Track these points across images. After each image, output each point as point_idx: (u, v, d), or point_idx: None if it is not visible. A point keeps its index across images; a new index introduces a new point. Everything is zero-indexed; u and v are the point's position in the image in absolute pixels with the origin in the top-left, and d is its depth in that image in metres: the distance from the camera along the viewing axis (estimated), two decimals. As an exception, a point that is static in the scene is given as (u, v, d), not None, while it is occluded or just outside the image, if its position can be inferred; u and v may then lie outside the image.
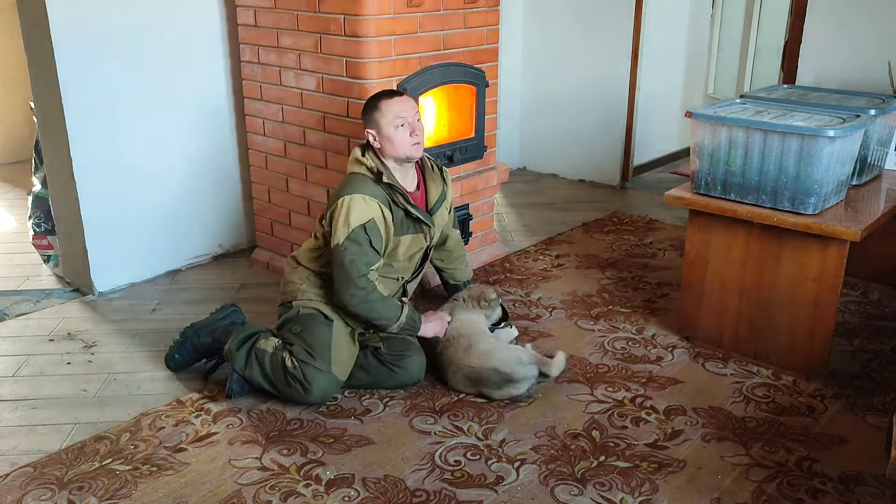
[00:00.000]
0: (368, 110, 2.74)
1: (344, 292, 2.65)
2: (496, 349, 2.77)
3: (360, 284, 2.64)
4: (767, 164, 2.70)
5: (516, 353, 2.76)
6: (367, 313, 2.69)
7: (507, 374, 2.66)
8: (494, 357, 2.71)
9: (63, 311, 3.40)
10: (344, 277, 2.64)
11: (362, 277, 2.64)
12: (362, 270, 2.64)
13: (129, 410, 2.65)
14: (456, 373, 2.74)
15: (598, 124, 5.19)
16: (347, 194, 2.65)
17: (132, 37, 3.45)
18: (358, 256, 2.62)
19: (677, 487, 2.26)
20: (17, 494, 2.23)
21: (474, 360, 2.71)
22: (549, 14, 5.24)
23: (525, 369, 2.70)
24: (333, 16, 3.17)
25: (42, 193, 3.74)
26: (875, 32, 3.88)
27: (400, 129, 2.69)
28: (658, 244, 4.16)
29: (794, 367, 2.84)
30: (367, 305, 2.66)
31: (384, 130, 2.70)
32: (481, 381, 2.68)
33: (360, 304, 2.66)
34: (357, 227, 2.61)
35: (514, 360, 2.71)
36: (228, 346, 2.71)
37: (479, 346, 2.76)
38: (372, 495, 2.22)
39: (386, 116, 2.69)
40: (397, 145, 2.70)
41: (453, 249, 3.15)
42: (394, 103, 2.71)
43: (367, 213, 2.63)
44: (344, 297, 2.66)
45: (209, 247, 3.97)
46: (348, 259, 2.62)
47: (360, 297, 2.65)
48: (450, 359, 2.77)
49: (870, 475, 2.30)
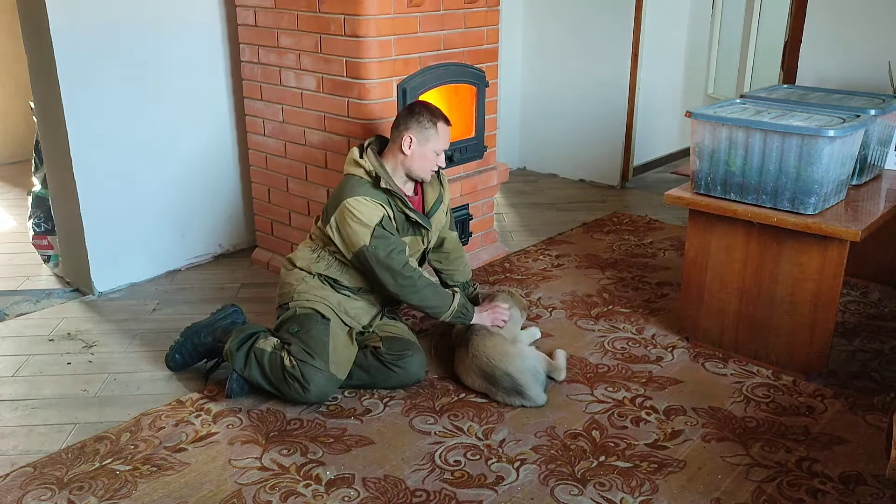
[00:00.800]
0: (422, 121, 2.74)
1: (392, 286, 2.70)
2: (519, 354, 2.72)
3: (406, 273, 2.69)
4: (767, 164, 2.70)
5: (534, 365, 2.70)
6: (419, 302, 2.75)
7: (519, 386, 2.63)
8: (514, 362, 2.67)
9: (63, 311, 3.40)
10: (386, 273, 2.69)
11: (406, 266, 2.69)
12: (401, 260, 2.69)
13: (129, 410, 2.65)
14: (472, 363, 2.70)
15: (598, 124, 5.19)
16: (349, 197, 2.66)
17: (132, 37, 3.45)
18: (391, 250, 2.67)
19: (677, 487, 2.26)
20: (17, 494, 2.23)
21: (495, 357, 2.68)
22: (549, 14, 5.24)
23: (538, 388, 2.65)
24: (333, 16, 3.18)
25: (42, 193, 3.74)
26: (875, 32, 3.88)
27: (436, 156, 2.78)
28: (658, 244, 4.16)
29: (794, 367, 2.84)
30: (419, 294, 2.72)
31: (426, 149, 2.75)
32: (493, 380, 2.66)
33: (411, 294, 2.72)
34: (376, 224, 2.66)
35: (531, 371, 2.67)
36: (228, 346, 2.71)
37: (503, 346, 2.73)
38: (372, 495, 2.22)
39: (438, 141, 2.76)
40: (423, 166, 2.78)
41: (452, 250, 3.15)
42: (448, 132, 2.80)
43: (378, 211, 2.68)
44: (394, 292, 2.72)
45: (209, 247, 3.97)
46: (383, 255, 2.66)
47: (409, 285, 2.70)
48: (472, 351, 2.72)
49: (870, 475, 2.30)
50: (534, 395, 2.64)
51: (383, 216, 2.68)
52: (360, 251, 2.67)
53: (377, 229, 2.66)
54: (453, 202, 3.57)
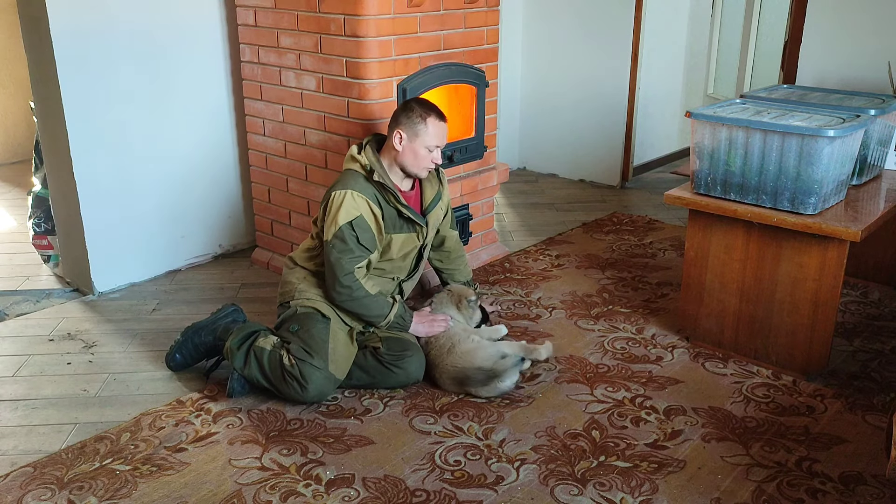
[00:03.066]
0: (412, 116, 2.74)
1: (332, 289, 2.73)
2: (478, 347, 2.76)
3: (345, 283, 2.69)
4: (767, 164, 2.70)
5: (496, 348, 2.76)
6: (355, 310, 2.75)
7: (489, 371, 2.67)
8: (477, 356, 2.72)
9: (63, 311, 3.40)
10: (331, 274, 2.71)
11: (348, 275, 2.68)
12: (347, 269, 2.68)
13: (129, 410, 2.65)
14: (441, 374, 2.74)
15: (598, 124, 5.19)
16: (337, 190, 2.68)
17: (132, 37, 3.45)
18: (343, 254, 2.66)
19: (677, 487, 2.26)
20: (17, 494, 2.23)
21: (458, 360, 2.72)
22: (549, 14, 5.24)
23: (506, 361, 2.69)
24: (333, 16, 3.18)
25: (42, 193, 3.74)
26: (875, 33, 3.88)
27: (430, 152, 2.76)
28: (658, 244, 4.16)
29: (794, 367, 2.84)
30: (355, 302, 2.72)
31: (417, 144, 2.74)
32: (467, 380, 2.69)
33: (347, 301, 2.72)
34: (344, 224, 2.65)
35: (495, 354, 2.71)
36: (229, 345, 2.71)
37: (461, 346, 2.76)
38: (372, 495, 2.22)
39: (428, 136, 2.74)
40: (415, 162, 2.76)
41: (452, 250, 3.16)
42: (440, 128, 2.77)
43: (355, 209, 2.66)
44: (332, 294, 2.73)
45: (209, 247, 3.97)
46: (335, 256, 2.67)
47: (346, 294, 2.70)
48: (434, 361, 2.78)
49: (870, 475, 2.30)
50: (504, 368, 2.67)
51: (359, 216, 2.66)
52: (325, 243, 2.69)
53: (343, 229, 2.65)
54: (454, 202, 3.57)
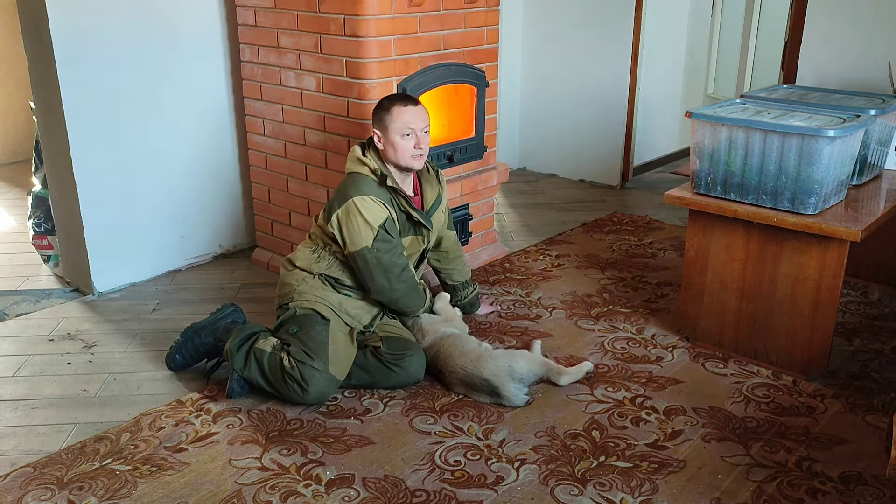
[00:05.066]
0: (380, 111, 2.74)
1: (387, 291, 2.74)
2: (489, 356, 2.70)
3: (403, 277, 2.72)
4: (767, 164, 2.70)
5: (508, 363, 2.67)
6: (409, 301, 2.82)
7: (495, 388, 2.63)
8: (486, 366, 2.65)
9: (63, 311, 3.40)
10: (385, 275, 2.71)
11: (405, 269, 2.72)
12: (401, 262, 2.72)
13: (129, 410, 2.65)
14: (451, 375, 2.72)
15: (598, 124, 5.19)
16: (356, 195, 2.66)
17: (132, 37, 3.45)
18: (392, 252, 2.69)
19: (677, 487, 2.26)
20: (17, 494, 2.23)
21: (469, 364, 2.68)
22: (549, 14, 5.24)
23: (514, 387, 2.62)
24: (333, 16, 3.18)
25: (42, 193, 3.74)
26: (875, 32, 3.88)
27: (406, 138, 2.71)
28: (658, 244, 4.16)
29: (794, 367, 2.84)
30: (412, 293, 2.79)
31: (390, 135, 2.71)
32: (473, 387, 2.68)
33: (404, 296, 2.78)
34: (379, 226, 2.66)
35: (505, 371, 2.64)
36: (229, 346, 2.71)
37: (472, 351, 2.73)
38: (372, 495, 2.22)
39: (395, 123, 2.69)
40: (400, 153, 2.73)
41: (450, 250, 3.16)
42: (406, 112, 2.70)
43: (382, 212, 2.68)
44: (387, 296, 2.76)
45: (209, 247, 3.97)
46: (385, 258, 2.68)
47: (403, 288, 2.75)
48: (444, 361, 2.74)
49: (870, 475, 2.30)
50: (512, 394, 2.62)
51: (387, 218, 2.68)
52: (361, 251, 2.67)
53: (380, 232, 2.66)
54: (453, 202, 3.57)
